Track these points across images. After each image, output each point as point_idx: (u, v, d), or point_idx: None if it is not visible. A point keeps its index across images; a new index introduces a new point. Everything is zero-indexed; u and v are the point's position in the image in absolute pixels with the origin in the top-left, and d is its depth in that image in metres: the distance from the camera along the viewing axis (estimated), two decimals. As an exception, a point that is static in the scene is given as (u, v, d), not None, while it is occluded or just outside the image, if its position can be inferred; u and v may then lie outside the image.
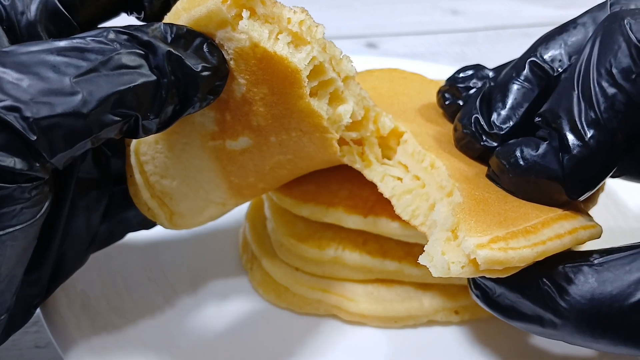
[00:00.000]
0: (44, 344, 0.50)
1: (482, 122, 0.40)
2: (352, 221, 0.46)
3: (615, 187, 0.61)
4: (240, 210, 0.58)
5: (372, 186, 0.47)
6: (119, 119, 0.30)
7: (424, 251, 0.40)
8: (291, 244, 0.49)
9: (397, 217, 0.45)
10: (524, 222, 0.35)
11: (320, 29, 0.36)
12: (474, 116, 0.41)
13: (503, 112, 0.40)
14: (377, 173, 0.43)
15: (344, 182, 0.48)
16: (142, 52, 0.31)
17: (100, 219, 0.44)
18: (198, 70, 0.32)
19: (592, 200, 0.44)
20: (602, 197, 0.45)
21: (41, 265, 0.40)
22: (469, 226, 0.34)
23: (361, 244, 0.48)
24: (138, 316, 0.48)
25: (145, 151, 0.42)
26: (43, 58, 0.29)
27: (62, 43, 0.30)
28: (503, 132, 0.40)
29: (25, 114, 0.28)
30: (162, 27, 0.33)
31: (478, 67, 0.45)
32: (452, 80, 0.46)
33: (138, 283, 0.51)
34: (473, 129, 0.41)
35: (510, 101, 0.40)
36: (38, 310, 0.46)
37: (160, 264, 0.53)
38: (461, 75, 0.46)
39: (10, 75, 0.28)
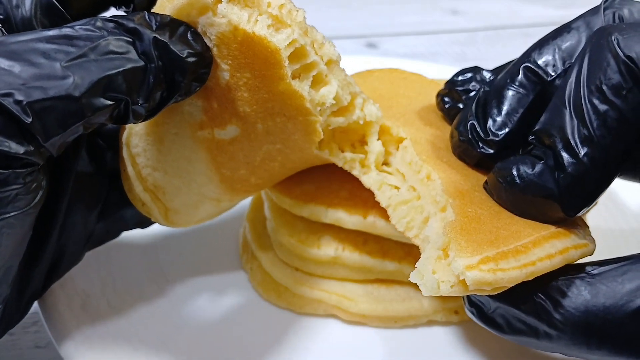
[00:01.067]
0: (44, 344, 0.50)
1: (478, 129, 0.40)
2: (352, 222, 0.46)
3: (615, 187, 0.61)
4: (240, 210, 0.58)
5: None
6: (109, 102, 0.31)
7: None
8: (291, 244, 0.49)
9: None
10: (515, 241, 0.35)
11: (300, 13, 0.36)
12: (469, 123, 0.41)
13: (499, 119, 0.40)
14: (375, 181, 0.43)
15: (344, 182, 0.48)
16: (129, 39, 0.32)
17: (97, 216, 0.45)
18: (184, 55, 0.33)
19: None
20: (602, 197, 0.45)
21: (39, 260, 0.40)
22: (460, 246, 0.34)
23: (361, 244, 0.48)
24: (138, 316, 0.48)
25: (137, 143, 0.42)
26: (33, 46, 0.30)
27: (51, 32, 0.31)
28: (499, 138, 0.40)
29: (18, 98, 0.28)
30: (146, 16, 0.33)
31: (476, 70, 0.45)
32: (451, 83, 0.46)
33: (138, 283, 0.51)
34: (469, 136, 0.41)
35: (505, 107, 0.40)
36: (38, 310, 0.46)
37: (160, 264, 0.53)
38: (460, 78, 0.46)
39: (1, 62, 0.29)
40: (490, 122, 0.40)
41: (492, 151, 0.40)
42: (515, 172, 0.37)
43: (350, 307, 0.48)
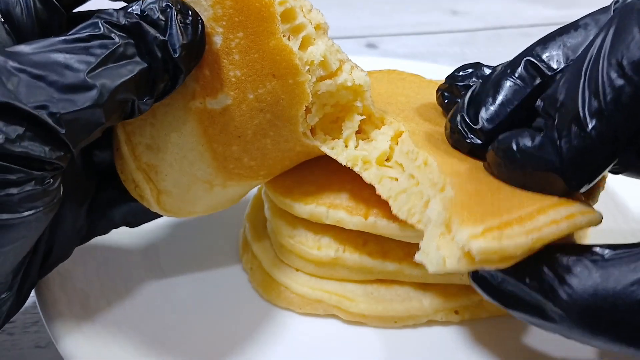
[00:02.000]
0: (44, 344, 0.50)
1: (467, 120, 0.40)
2: (354, 222, 0.46)
3: (616, 187, 0.61)
4: (241, 211, 0.58)
5: (373, 187, 0.47)
6: (122, 104, 0.34)
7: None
8: (291, 245, 0.49)
9: (397, 218, 0.45)
10: (519, 211, 0.34)
11: None
12: (459, 114, 0.41)
13: (492, 108, 0.40)
14: (375, 175, 0.43)
15: (344, 183, 0.48)
16: (133, 41, 0.34)
17: (86, 211, 0.45)
18: (182, 53, 0.35)
19: (592, 197, 0.44)
20: (602, 197, 0.45)
21: (36, 251, 0.41)
22: (462, 219, 0.34)
23: (361, 245, 0.48)
24: (138, 316, 0.48)
25: (131, 120, 0.42)
26: (53, 57, 0.32)
27: (63, 40, 0.33)
28: (487, 129, 0.39)
29: (53, 110, 0.31)
30: (142, 6, 0.35)
31: (477, 66, 0.45)
32: (451, 78, 0.46)
33: (138, 283, 0.51)
34: (459, 127, 0.41)
35: (500, 97, 0.39)
36: (38, 310, 0.46)
37: (161, 264, 0.53)
38: (460, 73, 0.46)
39: (29, 74, 0.31)
40: (482, 111, 0.40)
41: (480, 142, 0.40)
42: (514, 146, 0.36)
43: (350, 307, 0.48)
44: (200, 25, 0.37)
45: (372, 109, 0.44)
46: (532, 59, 0.39)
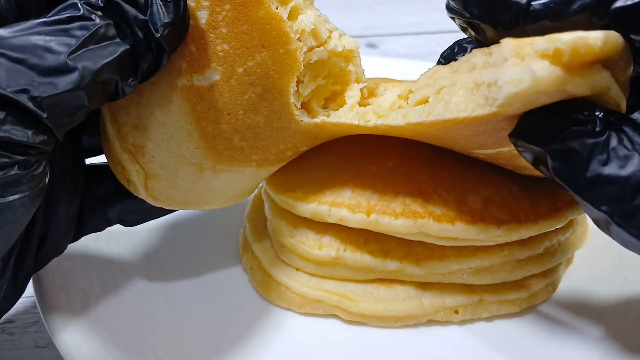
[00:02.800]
0: (44, 344, 0.50)
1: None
2: (356, 220, 0.46)
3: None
4: (241, 211, 0.59)
5: (375, 185, 0.47)
6: (105, 86, 0.34)
7: (426, 249, 0.39)
8: (292, 245, 0.49)
9: (400, 215, 0.45)
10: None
11: None
12: None
13: None
14: (398, 114, 0.41)
15: (346, 181, 0.48)
16: (115, 21, 0.34)
17: (80, 202, 0.44)
18: (164, 33, 0.35)
19: None
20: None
21: (30, 241, 0.41)
22: (524, 41, 0.31)
23: (362, 244, 0.48)
24: (138, 316, 0.48)
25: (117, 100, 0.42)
26: (32, 39, 0.32)
27: (42, 23, 0.32)
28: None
29: (34, 94, 0.31)
30: None
31: None
32: (461, 40, 0.44)
33: (138, 283, 0.51)
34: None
35: None
36: (38, 310, 0.46)
37: (161, 264, 0.53)
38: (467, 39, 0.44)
39: (8, 58, 0.31)
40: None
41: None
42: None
43: (351, 307, 0.48)
44: (182, 2, 0.36)
45: (364, 77, 0.44)
46: None
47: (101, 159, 0.47)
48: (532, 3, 0.35)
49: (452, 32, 1.21)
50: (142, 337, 0.46)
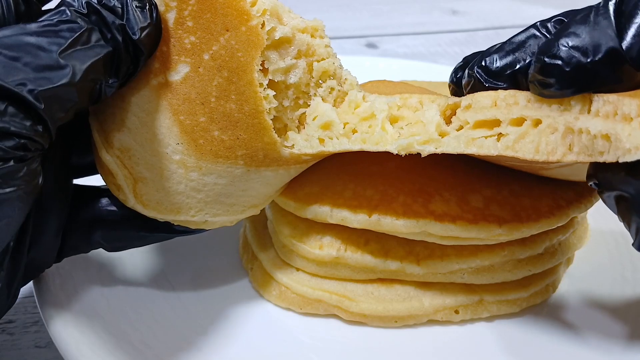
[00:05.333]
0: (44, 344, 0.50)
1: (488, 65, 0.40)
2: (357, 221, 0.46)
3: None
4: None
5: (376, 185, 0.47)
6: (91, 85, 0.36)
7: (426, 249, 0.39)
8: (293, 245, 0.49)
9: (401, 215, 0.45)
10: None
11: None
12: (479, 59, 0.40)
13: (513, 55, 0.39)
14: (455, 139, 0.41)
15: (347, 182, 0.48)
16: (97, 27, 0.37)
17: (65, 217, 0.45)
18: (141, 36, 0.38)
19: None
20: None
21: (22, 248, 0.41)
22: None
23: (363, 244, 0.48)
24: (138, 316, 0.48)
25: (103, 109, 0.42)
26: (25, 39, 0.34)
27: (33, 26, 0.35)
28: (508, 72, 0.39)
29: (31, 87, 0.33)
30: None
31: None
32: (468, 58, 0.44)
33: (138, 283, 0.51)
34: (476, 72, 0.40)
35: (524, 46, 0.39)
36: (38, 310, 0.46)
37: (161, 264, 0.53)
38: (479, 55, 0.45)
39: (4, 56, 0.33)
40: (503, 57, 0.39)
41: (502, 84, 0.39)
42: (564, 48, 0.35)
43: (351, 307, 0.48)
44: (154, 8, 0.39)
45: (340, 64, 0.45)
46: (563, 17, 0.39)
47: (91, 181, 0.48)
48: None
49: (452, 32, 1.22)
50: (142, 337, 0.46)
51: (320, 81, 0.45)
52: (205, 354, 0.46)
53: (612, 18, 0.34)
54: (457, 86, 0.44)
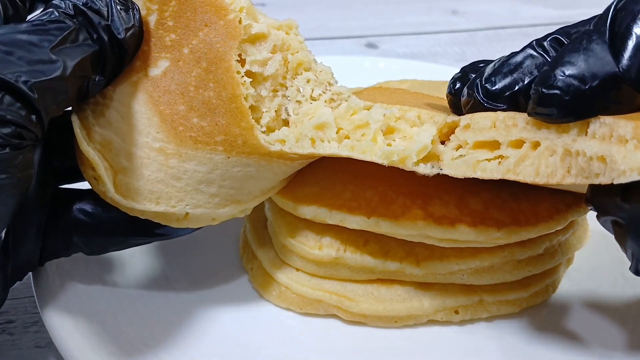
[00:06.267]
0: (44, 344, 0.50)
1: (487, 86, 0.40)
2: (356, 222, 0.46)
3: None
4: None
5: (375, 187, 0.47)
6: (80, 81, 0.38)
7: (426, 250, 0.38)
8: (293, 245, 0.49)
9: (400, 217, 0.45)
10: None
11: None
12: (478, 81, 0.41)
13: (511, 76, 0.40)
14: (460, 168, 0.41)
15: (347, 183, 0.48)
16: (84, 27, 0.39)
17: (45, 217, 0.45)
18: (125, 36, 0.40)
19: None
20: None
21: (7, 248, 0.42)
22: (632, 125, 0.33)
23: (362, 245, 0.48)
24: (138, 316, 0.48)
25: (84, 107, 0.43)
26: (17, 37, 0.36)
27: (24, 26, 0.37)
28: (507, 93, 0.40)
29: (26, 79, 0.35)
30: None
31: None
32: (467, 68, 0.45)
33: (138, 283, 0.51)
34: (476, 92, 0.41)
35: (521, 67, 0.40)
36: (38, 310, 0.46)
37: (161, 264, 0.53)
38: (477, 65, 0.45)
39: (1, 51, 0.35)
40: (502, 79, 0.40)
41: (504, 106, 0.40)
42: (561, 76, 0.35)
43: (351, 307, 0.48)
44: (137, 11, 0.42)
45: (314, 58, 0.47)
46: (560, 36, 0.39)
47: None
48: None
49: (452, 32, 1.22)
50: (142, 337, 0.46)
51: (297, 73, 0.46)
52: (205, 354, 0.46)
53: (606, 41, 0.35)
54: (455, 97, 0.45)
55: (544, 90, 0.36)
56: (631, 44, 0.34)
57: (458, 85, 0.45)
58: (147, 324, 0.47)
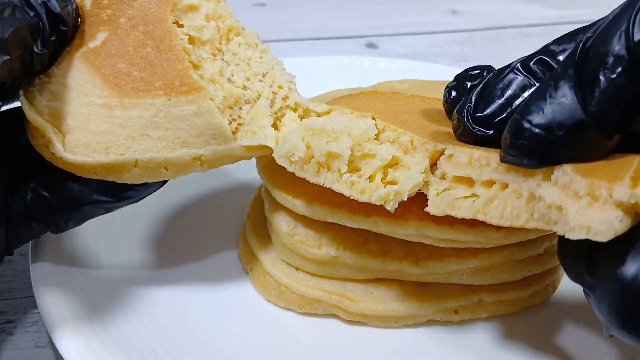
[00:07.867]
0: (44, 344, 0.50)
1: (476, 112, 0.41)
2: (355, 221, 0.46)
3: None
4: (241, 210, 0.59)
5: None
6: (22, 46, 0.40)
7: (425, 249, 0.38)
8: (292, 244, 0.49)
9: (399, 217, 0.45)
10: (630, 167, 0.33)
11: None
12: (467, 105, 0.41)
13: (499, 101, 0.40)
14: (442, 201, 0.42)
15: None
16: (21, 4, 0.41)
17: (3, 194, 0.45)
18: (64, 13, 0.43)
19: None
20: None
21: None
22: (600, 183, 0.32)
23: (361, 244, 0.48)
24: (138, 316, 0.48)
25: (31, 89, 0.45)
26: None
27: None
28: (496, 120, 0.40)
29: None
30: None
31: (488, 68, 0.45)
32: (461, 76, 0.46)
33: (137, 283, 0.51)
34: (465, 118, 0.41)
35: (509, 91, 0.40)
36: (38, 310, 0.46)
37: (161, 264, 0.53)
38: (470, 73, 0.45)
39: None
40: (491, 104, 0.40)
41: (489, 132, 0.40)
42: (529, 124, 0.35)
43: (351, 307, 0.48)
44: None
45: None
46: (544, 57, 0.40)
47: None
48: None
49: (452, 32, 1.22)
50: (142, 337, 0.46)
51: (229, 39, 0.50)
52: (204, 354, 0.46)
53: (572, 87, 0.35)
54: (451, 106, 0.45)
55: (512, 140, 0.36)
56: (597, 90, 0.33)
57: (453, 94, 0.45)
58: (147, 324, 0.47)
